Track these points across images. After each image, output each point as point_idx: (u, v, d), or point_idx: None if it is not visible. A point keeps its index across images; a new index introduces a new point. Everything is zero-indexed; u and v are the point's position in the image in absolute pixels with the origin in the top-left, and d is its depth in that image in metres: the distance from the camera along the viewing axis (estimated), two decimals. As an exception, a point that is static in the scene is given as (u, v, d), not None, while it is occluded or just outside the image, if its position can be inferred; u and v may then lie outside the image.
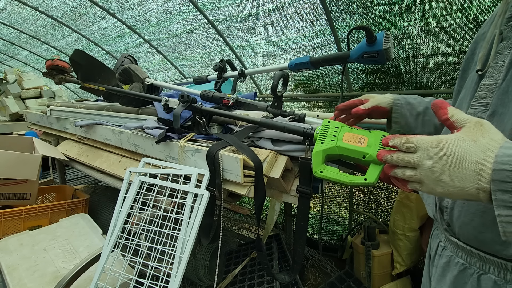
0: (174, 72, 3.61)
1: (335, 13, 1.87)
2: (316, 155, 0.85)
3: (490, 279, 0.55)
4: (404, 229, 1.80)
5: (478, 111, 0.59)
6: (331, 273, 2.06)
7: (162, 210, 1.10)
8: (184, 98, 1.21)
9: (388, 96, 0.86)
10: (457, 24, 1.57)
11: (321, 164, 0.84)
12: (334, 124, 0.88)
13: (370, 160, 0.80)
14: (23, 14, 3.70)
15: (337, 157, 0.87)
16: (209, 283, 1.76)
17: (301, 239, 0.99)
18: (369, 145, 0.82)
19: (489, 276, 0.55)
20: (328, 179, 0.84)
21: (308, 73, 2.41)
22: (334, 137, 0.85)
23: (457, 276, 0.60)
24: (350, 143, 0.83)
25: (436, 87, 1.85)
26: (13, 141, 2.47)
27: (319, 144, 0.86)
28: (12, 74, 5.05)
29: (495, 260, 0.54)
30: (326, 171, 0.84)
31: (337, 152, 0.84)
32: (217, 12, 2.42)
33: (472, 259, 0.58)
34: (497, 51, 0.58)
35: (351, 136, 0.85)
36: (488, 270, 0.55)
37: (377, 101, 0.85)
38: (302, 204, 0.97)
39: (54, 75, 2.26)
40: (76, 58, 1.98)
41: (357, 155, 0.82)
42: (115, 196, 1.26)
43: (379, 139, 0.82)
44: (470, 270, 0.58)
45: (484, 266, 0.56)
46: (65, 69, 2.26)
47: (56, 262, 1.44)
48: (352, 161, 0.86)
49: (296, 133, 0.98)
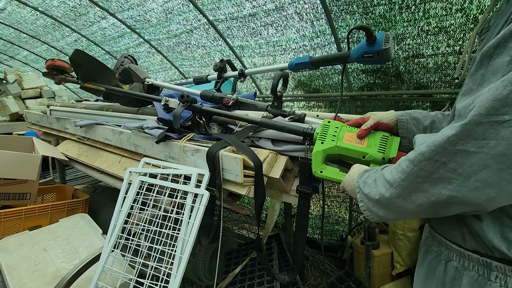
0: (174, 72, 3.61)
1: (335, 13, 1.87)
2: (316, 155, 0.85)
3: (453, 266, 0.65)
4: (404, 229, 1.80)
5: None
6: (331, 273, 2.06)
7: (162, 210, 1.10)
8: (184, 98, 1.21)
9: (391, 113, 0.88)
10: (457, 24, 1.57)
11: (321, 164, 0.84)
12: (334, 124, 0.88)
13: (370, 160, 0.80)
14: (23, 14, 3.70)
15: (337, 157, 0.87)
16: (209, 283, 1.76)
17: (301, 239, 0.99)
18: (369, 145, 0.82)
19: (452, 263, 0.65)
20: (328, 179, 0.84)
21: (308, 73, 2.41)
22: (334, 137, 0.85)
23: (431, 262, 0.72)
24: (350, 143, 0.83)
25: (436, 87, 1.85)
26: (13, 141, 2.47)
27: (319, 144, 0.86)
28: (12, 74, 5.05)
29: (457, 249, 0.64)
30: (326, 171, 0.84)
31: (337, 152, 0.84)
32: (217, 12, 2.42)
33: (442, 247, 0.69)
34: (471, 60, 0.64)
35: (351, 136, 0.85)
36: (452, 258, 0.66)
37: (378, 118, 0.87)
38: (302, 204, 0.97)
39: (54, 75, 2.26)
40: (76, 58, 1.98)
41: (357, 155, 0.82)
42: (115, 196, 1.26)
43: (379, 140, 0.82)
44: (440, 257, 0.69)
45: (449, 254, 0.66)
46: (65, 69, 2.26)
47: (56, 262, 1.44)
48: (352, 161, 0.86)
49: (296, 133, 0.98)
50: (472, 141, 0.50)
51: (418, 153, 0.56)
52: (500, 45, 0.50)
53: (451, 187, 0.53)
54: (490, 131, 0.48)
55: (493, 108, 0.47)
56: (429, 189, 0.56)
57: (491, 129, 0.48)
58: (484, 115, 0.48)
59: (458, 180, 0.52)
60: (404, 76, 1.94)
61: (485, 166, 0.49)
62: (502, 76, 0.48)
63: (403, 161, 0.60)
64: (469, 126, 0.49)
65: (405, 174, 0.58)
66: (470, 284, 0.61)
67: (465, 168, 0.51)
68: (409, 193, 0.59)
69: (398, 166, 0.61)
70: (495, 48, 0.50)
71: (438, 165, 0.53)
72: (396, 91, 2.03)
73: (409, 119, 0.86)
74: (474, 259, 0.61)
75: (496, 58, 0.50)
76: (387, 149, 0.81)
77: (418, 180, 0.57)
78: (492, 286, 0.58)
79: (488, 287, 0.58)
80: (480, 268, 0.60)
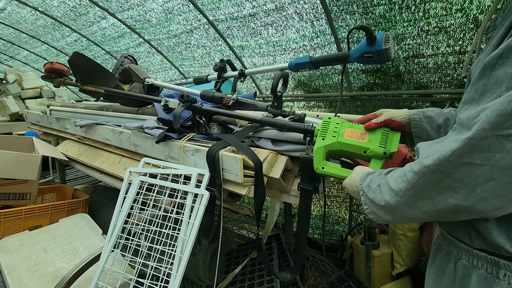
0: (174, 72, 3.61)
1: (335, 13, 1.87)
2: (317, 151, 0.85)
3: (462, 264, 0.66)
4: (404, 229, 1.80)
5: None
6: (331, 273, 2.06)
7: (162, 210, 1.10)
8: (184, 98, 1.21)
9: (404, 111, 0.88)
10: (457, 24, 1.57)
11: (322, 160, 0.84)
12: (334, 120, 0.88)
13: (371, 155, 0.80)
14: (23, 14, 3.70)
15: (338, 153, 0.87)
16: (209, 283, 1.76)
17: (302, 236, 0.99)
18: (370, 140, 0.82)
19: (462, 261, 0.66)
20: (330, 175, 0.84)
21: (308, 73, 2.41)
22: (335, 133, 0.85)
23: (441, 260, 0.73)
24: (351, 138, 0.83)
25: (436, 87, 1.85)
26: (13, 141, 2.47)
27: (320, 140, 0.86)
28: (12, 74, 5.05)
29: (466, 248, 0.65)
30: (328, 167, 0.84)
31: (338, 148, 0.84)
32: (217, 12, 2.42)
33: (452, 246, 0.69)
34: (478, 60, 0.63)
35: (352, 131, 0.85)
36: (461, 256, 0.66)
37: (391, 115, 0.87)
38: (304, 202, 0.97)
39: (53, 78, 2.25)
40: (75, 60, 1.96)
41: (358, 150, 0.82)
42: (115, 196, 1.26)
43: (379, 135, 0.82)
44: (450, 255, 0.69)
45: (459, 252, 0.67)
46: (64, 72, 2.25)
47: (56, 262, 1.44)
48: (353, 156, 0.86)
49: (297, 130, 0.98)
50: (477, 154, 0.50)
51: (423, 166, 0.56)
52: (503, 56, 0.50)
53: (457, 196, 0.54)
54: (495, 144, 0.48)
55: (497, 123, 0.47)
56: (435, 197, 0.57)
57: (496, 142, 0.48)
58: (489, 129, 0.48)
59: (464, 190, 0.53)
60: (404, 76, 1.94)
61: (491, 178, 0.50)
62: (506, 88, 0.49)
63: (408, 171, 0.60)
64: (474, 141, 0.49)
65: (410, 184, 0.59)
66: (480, 282, 0.61)
67: (471, 179, 0.51)
68: (414, 201, 0.60)
69: (403, 176, 0.61)
70: (497, 59, 0.50)
71: (444, 176, 0.54)
72: (396, 91, 2.03)
73: (422, 117, 0.85)
74: (482, 257, 0.61)
75: (499, 69, 0.50)
76: (388, 144, 0.81)
77: (423, 189, 0.58)
78: (500, 284, 0.58)
79: (497, 285, 0.58)
80: (488, 266, 0.60)
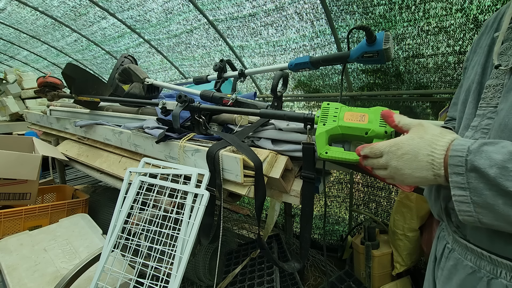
0: (174, 72, 3.61)
1: (335, 13, 1.87)
2: (319, 137, 0.85)
3: (501, 284, 0.51)
4: (404, 229, 1.80)
5: (488, 111, 0.59)
6: (331, 273, 2.06)
7: (162, 210, 1.10)
8: (181, 98, 1.21)
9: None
10: (457, 24, 1.56)
11: (325, 145, 0.84)
12: (333, 105, 0.88)
13: (372, 135, 0.80)
14: (23, 14, 3.70)
15: (340, 138, 0.87)
16: (209, 283, 1.76)
17: (307, 224, 0.99)
18: (370, 121, 0.82)
19: (500, 281, 0.51)
20: (334, 159, 0.83)
21: (308, 73, 2.41)
22: (335, 117, 0.85)
23: (464, 279, 0.58)
24: (351, 121, 0.83)
25: (436, 87, 1.85)
26: (13, 141, 2.47)
27: (321, 126, 0.86)
28: (12, 74, 5.04)
29: (507, 264, 0.51)
30: (331, 151, 0.84)
31: (340, 131, 0.84)
32: (217, 12, 2.42)
33: (482, 262, 0.55)
34: (500, 53, 0.59)
35: (351, 114, 0.85)
36: (499, 275, 0.52)
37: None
38: (307, 189, 0.97)
39: (47, 92, 2.25)
40: (68, 72, 1.93)
41: (360, 132, 0.82)
42: (115, 196, 1.26)
43: (378, 114, 0.82)
44: (480, 274, 0.55)
45: (494, 269, 0.53)
46: (57, 85, 2.24)
47: (56, 262, 1.44)
48: (355, 139, 0.85)
49: (297, 120, 0.97)
50: None
51: None
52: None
53: None
54: None
55: None
56: None
57: None
58: None
59: None
60: (404, 76, 1.94)
61: None
62: None
63: None
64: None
65: None
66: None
67: None
68: None
69: None
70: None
71: None
72: (396, 91, 2.03)
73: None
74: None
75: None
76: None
77: None
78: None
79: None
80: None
